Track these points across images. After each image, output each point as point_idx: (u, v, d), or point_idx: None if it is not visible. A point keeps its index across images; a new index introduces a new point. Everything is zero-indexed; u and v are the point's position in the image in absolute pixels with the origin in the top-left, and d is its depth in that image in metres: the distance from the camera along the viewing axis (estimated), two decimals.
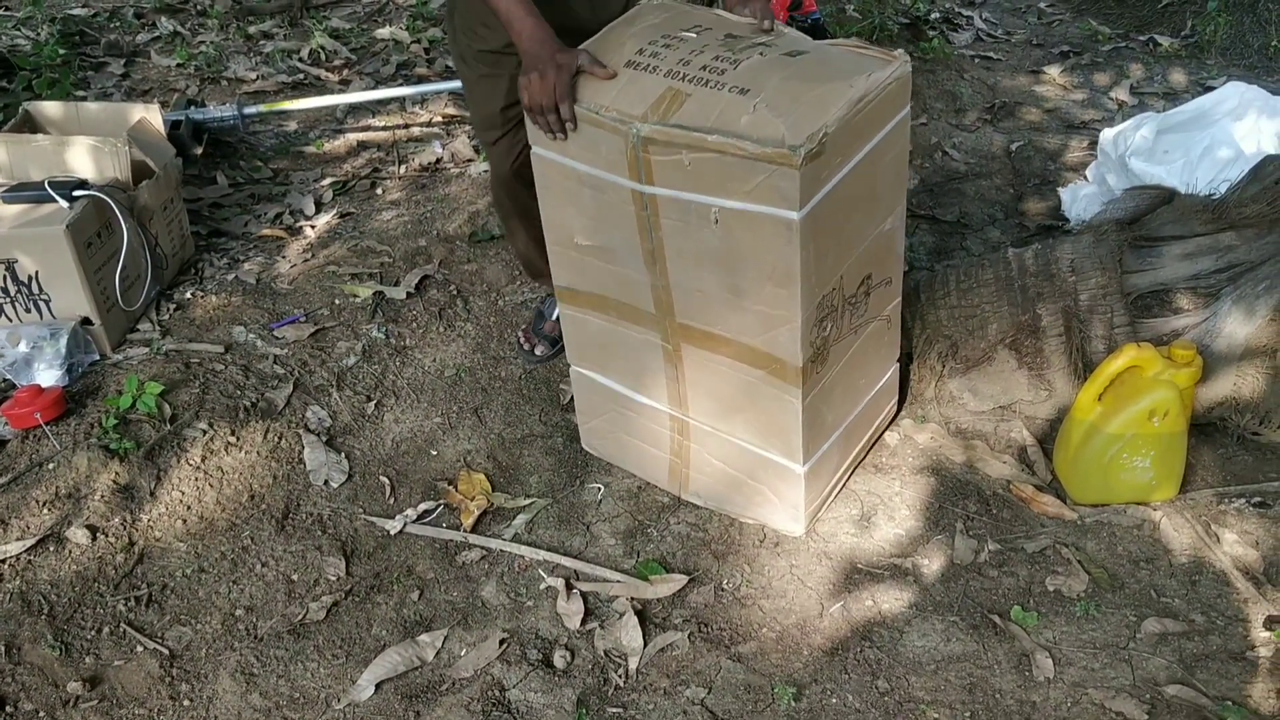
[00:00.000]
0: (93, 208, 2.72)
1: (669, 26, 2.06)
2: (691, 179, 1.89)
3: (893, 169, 2.09)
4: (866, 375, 2.36)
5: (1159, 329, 2.46)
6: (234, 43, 4.68)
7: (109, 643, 2.14)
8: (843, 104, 1.82)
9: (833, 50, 2.01)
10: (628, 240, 2.07)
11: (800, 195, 1.79)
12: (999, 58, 4.73)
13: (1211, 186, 2.69)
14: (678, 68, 1.94)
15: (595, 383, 2.44)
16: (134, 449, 2.45)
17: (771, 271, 1.92)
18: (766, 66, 1.91)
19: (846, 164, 1.89)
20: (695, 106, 1.87)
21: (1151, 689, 1.96)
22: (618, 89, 1.95)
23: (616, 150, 1.93)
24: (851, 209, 1.99)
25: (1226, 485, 2.41)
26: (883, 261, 2.21)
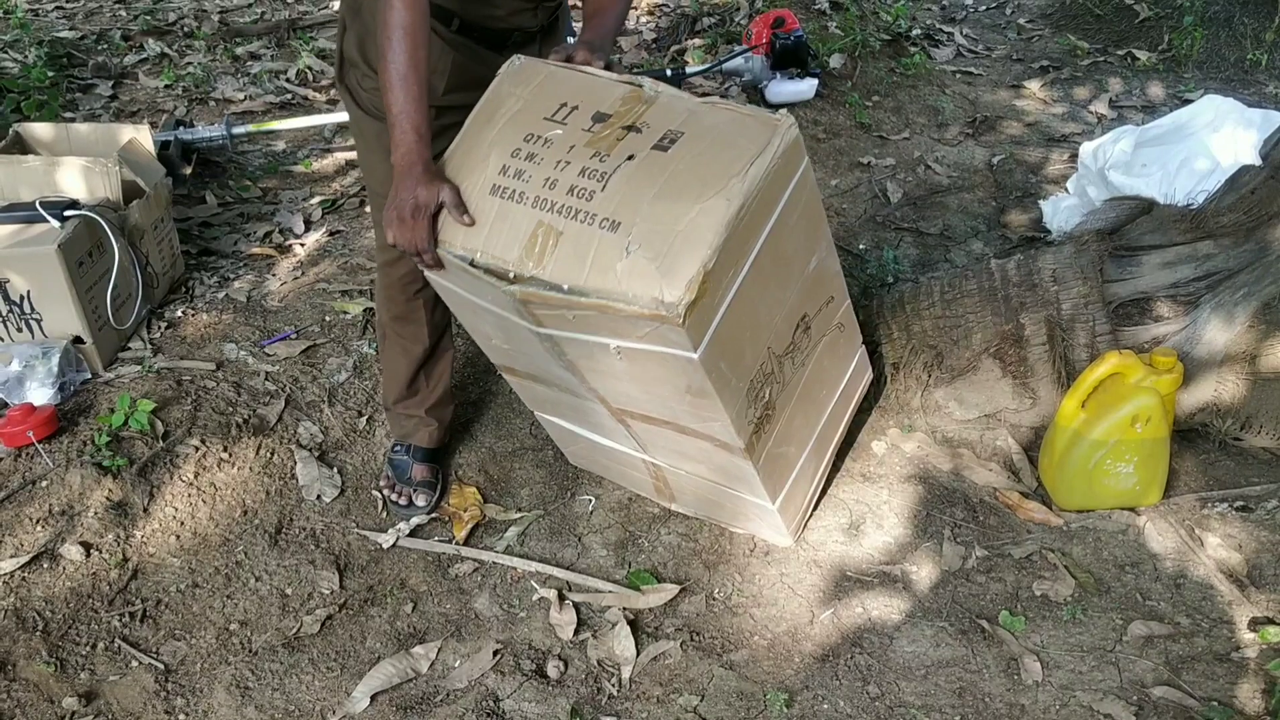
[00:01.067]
0: (84, 227, 2.73)
1: (532, 115, 1.89)
2: (580, 326, 1.81)
3: (803, 225, 1.94)
4: (827, 385, 2.33)
5: (1140, 336, 2.50)
6: (221, 64, 4.70)
7: (104, 658, 2.15)
8: (721, 226, 1.67)
9: (709, 123, 1.80)
10: (541, 356, 2.02)
11: (692, 340, 1.71)
12: (980, 73, 4.79)
13: (1190, 197, 2.73)
14: (544, 192, 1.78)
15: (560, 426, 2.44)
16: (127, 466, 2.46)
17: (688, 388, 1.87)
18: (637, 179, 1.74)
19: (742, 267, 1.78)
20: (569, 250, 1.74)
21: (1138, 691, 1.99)
22: (487, 228, 1.82)
23: (500, 298, 1.84)
24: (760, 296, 1.89)
25: (1209, 490, 2.45)
26: (817, 293, 2.12)
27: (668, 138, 1.78)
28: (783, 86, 4.29)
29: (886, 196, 3.78)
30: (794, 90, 4.30)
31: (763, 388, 2.00)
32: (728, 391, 1.87)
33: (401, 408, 2.54)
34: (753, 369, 1.95)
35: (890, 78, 4.58)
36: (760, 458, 2.07)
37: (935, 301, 2.65)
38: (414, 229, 1.84)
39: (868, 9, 5.02)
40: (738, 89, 4.42)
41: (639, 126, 1.81)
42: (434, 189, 1.83)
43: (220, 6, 5.26)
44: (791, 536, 2.35)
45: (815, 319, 2.13)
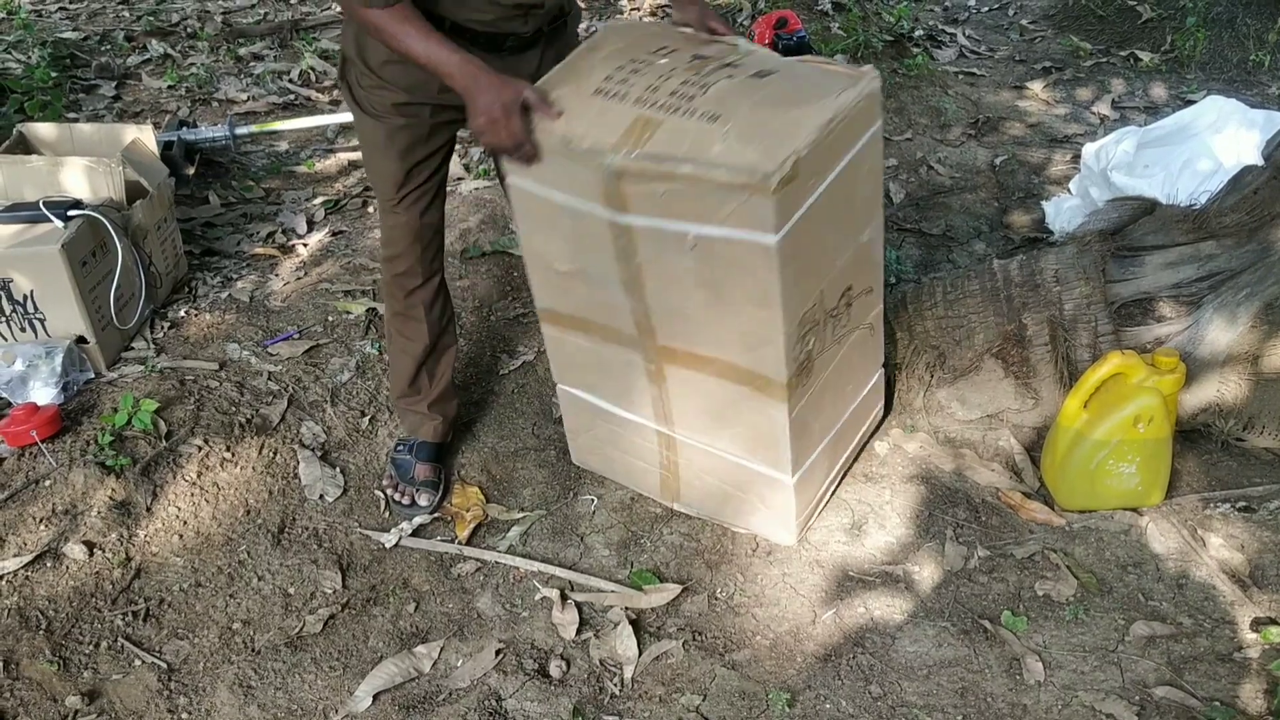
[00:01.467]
0: (87, 227, 2.74)
1: (635, 51, 2.03)
2: (667, 207, 1.87)
3: (868, 183, 2.07)
4: (853, 381, 2.38)
5: (1142, 337, 2.50)
6: (224, 64, 4.71)
7: (107, 657, 2.15)
8: (813, 128, 1.79)
9: (800, 69, 1.99)
10: (605, 267, 2.06)
11: (776, 220, 1.78)
12: (982, 73, 4.79)
13: (1192, 198, 2.73)
14: (646, 95, 1.90)
15: (581, 400, 2.45)
16: (130, 465, 2.46)
17: (751, 294, 1.92)
18: (735, 90, 1.88)
19: (820, 184, 1.87)
20: (666, 135, 1.83)
21: (1140, 691, 1.99)
22: (589, 118, 1.90)
23: (591, 181, 1.91)
24: (828, 227, 1.98)
25: (1211, 490, 2.44)
26: (863, 272, 2.21)
27: (763, 73, 1.94)
28: None
29: (889, 197, 3.78)
30: None
31: (809, 334, 2.05)
32: (789, 302, 1.92)
33: (406, 403, 2.57)
34: (809, 300, 2.01)
35: (893, 78, 4.58)
36: (795, 409, 2.10)
37: (938, 302, 2.65)
38: (508, 125, 1.91)
39: (870, 10, 5.02)
40: None
41: (736, 64, 1.97)
42: (513, 85, 1.90)
43: (223, 7, 5.26)
44: (796, 532, 2.34)
45: (857, 299, 2.21)
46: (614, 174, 1.85)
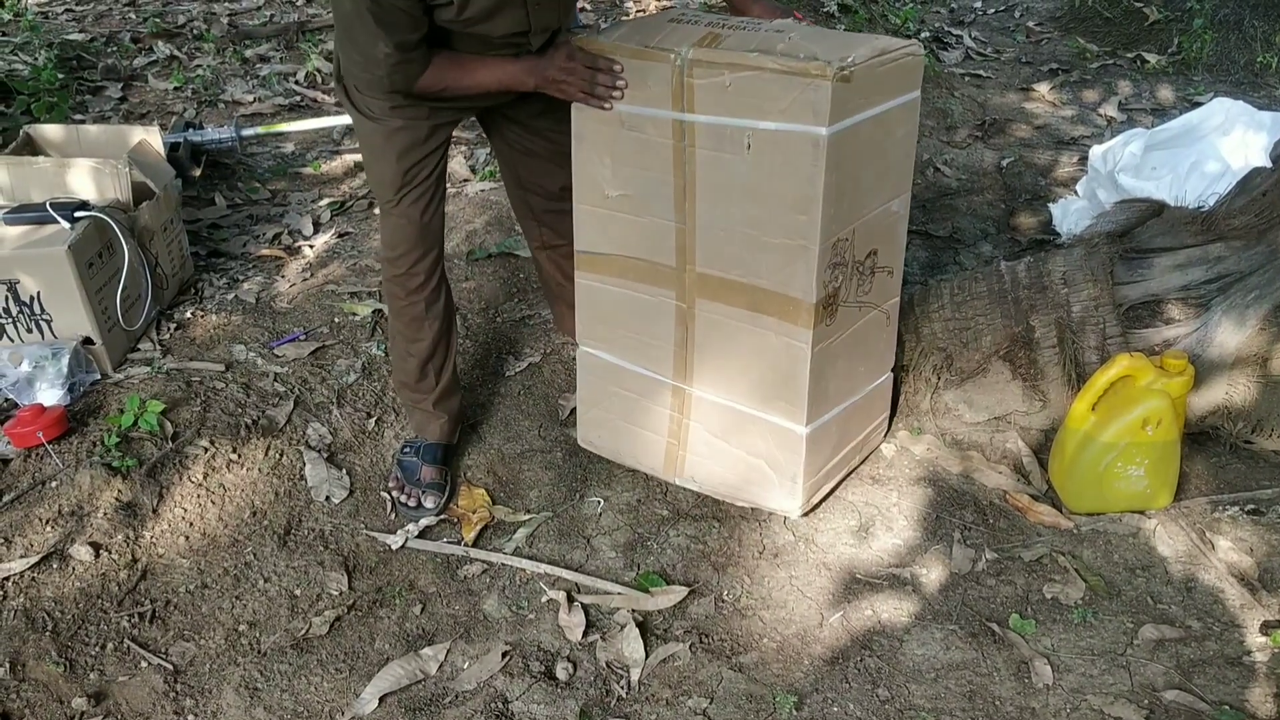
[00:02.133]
0: (94, 229, 2.74)
1: (690, 17, 2.19)
2: (730, 102, 2.02)
3: (902, 148, 2.20)
4: (866, 364, 2.42)
5: (1151, 339, 2.49)
6: (230, 66, 4.71)
7: (113, 659, 2.15)
8: (866, 50, 1.97)
9: (854, 36, 2.12)
10: (660, 181, 2.19)
11: (830, 111, 1.92)
12: (989, 75, 4.79)
13: (1200, 200, 2.73)
14: (714, 21, 2.13)
15: (601, 362, 2.51)
16: (136, 467, 2.46)
17: (794, 200, 2.03)
18: (792, 30, 2.06)
19: (866, 110, 2.02)
20: (735, 40, 2.03)
21: (1149, 694, 1.98)
22: (663, 33, 2.10)
23: (662, 79, 2.07)
24: (867, 163, 2.11)
25: (1220, 493, 2.44)
26: (887, 244, 2.30)
27: (816, 30, 2.14)
28: None
29: None
30: None
31: (838, 267, 2.16)
32: (827, 215, 2.04)
33: (410, 401, 2.58)
34: (844, 227, 2.12)
35: None
36: (817, 344, 2.17)
37: (945, 304, 2.65)
38: (578, 70, 2.11)
39: (876, 12, 5.02)
40: None
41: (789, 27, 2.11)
42: (562, 47, 2.13)
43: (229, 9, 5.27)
44: (801, 499, 2.34)
45: (879, 272, 2.31)
46: (686, 65, 2.03)
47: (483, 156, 3.99)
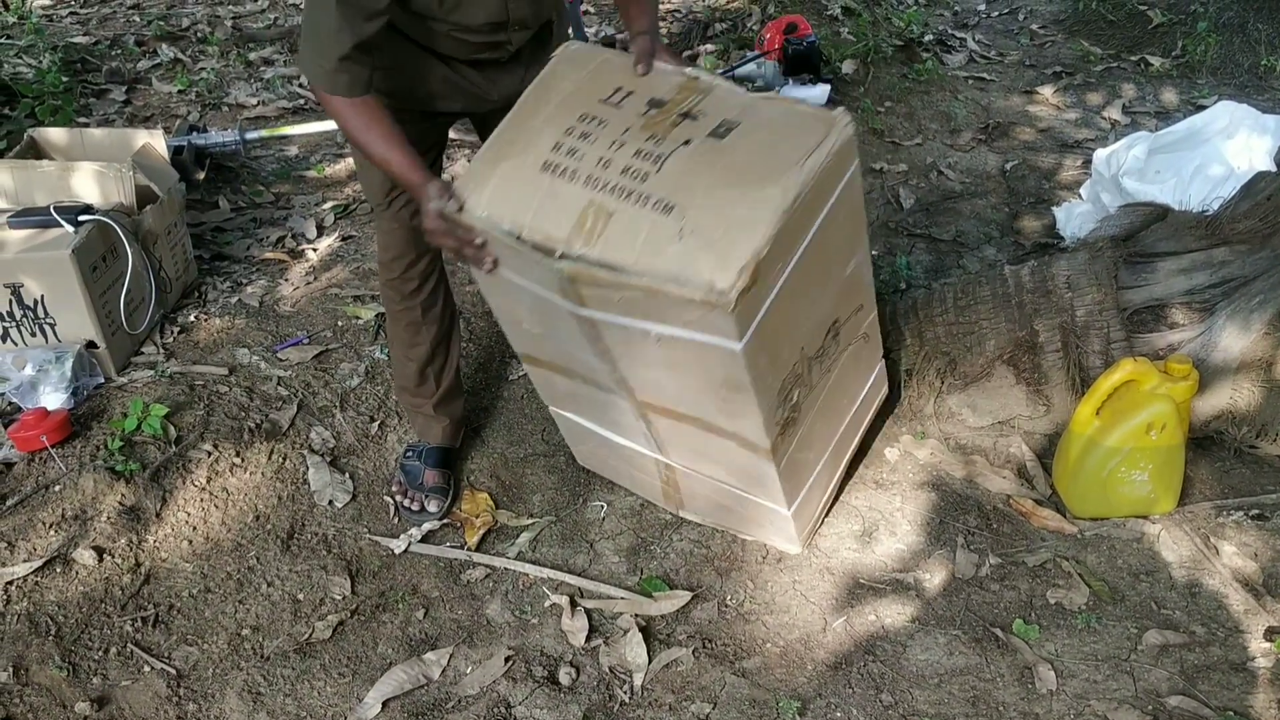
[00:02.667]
0: (97, 232, 2.74)
1: (587, 96, 1.91)
2: (625, 309, 1.79)
3: (847, 225, 1.95)
4: (848, 394, 2.33)
5: (1155, 343, 2.49)
6: (234, 69, 4.72)
7: (116, 663, 2.15)
8: (775, 216, 1.66)
9: (766, 114, 1.82)
10: (575, 340, 2.00)
11: (738, 330, 1.69)
12: (992, 78, 4.78)
13: (1204, 204, 2.72)
14: (598, 171, 1.78)
15: (574, 421, 2.44)
16: (139, 471, 2.46)
17: (724, 381, 1.85)
18: (693, 164, 1.74)
19: (788, 264, 1.77)
20: (619, 230, 1.72)
21: (1153, 700, 1.98)
22: (538, 201, 1.80)
23: (545, 275, 1.81)
24: (803, 292, 1.87)
25: (1224, 498, 2.43)
26: (850, 299, 2.12)
27: (724, 126, 1.79)
28: (795, 92, 4.29)
29: (899, 202, 3.78)
30: (806, 96, 4.29)
31: (792, 389, 1.99)
32: (763, 387, 1.86)
33: (412, 405, 2.58)
34: (787, 367, 1.95)
35: (903, 84, 4.58)
36: (782, 460, 2.06)
37: (949, 308, 2.64)
38: (444, 233, 1.90)
39: (880, 15, 5.02)
40: None
41: (695, 114, 1.83)
42: (427, 189, 1.90)
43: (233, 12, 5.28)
44: (801, 544, 2.34)
45: (845, 325, 2.14)
46: (567, 277, 1.76)
47: None
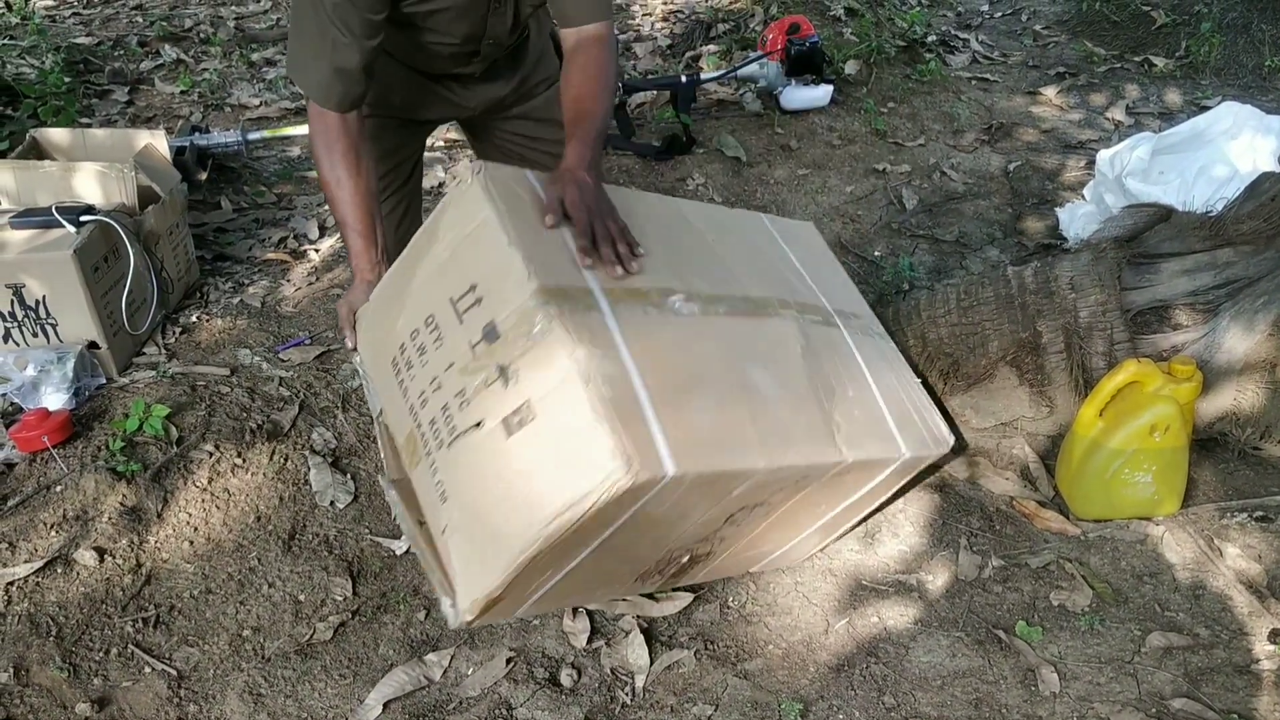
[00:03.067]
0: (99, 233, 2.74)
1: (444, 286, 1.76)
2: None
3: (677, 513, 1.72)
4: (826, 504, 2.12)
5: (1159, 345, 2.48)
6: (237, 69, 4.72)
7: (117, 664, 2.14)
8: (508, 568, 1.57)
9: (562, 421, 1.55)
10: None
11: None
12: (996, 79, 4.78)
13: (1208, 205, 2.71)
14: (418, 403, 1.75)
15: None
16: (141, 471, 2.46)
17: None
18: (474, 456, 1.64)
19: (562, 570, 1.70)
20: (421, 480, 1.75)
21: (1157, 703, 1.97)
22: (388, 395, 1.86)
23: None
24: (611, 561, 1.78)
25: (1228, 499, 2.42)
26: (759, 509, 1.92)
27: (519, 416, 1.60)
28: (797, 93, 4.28)
29: (902, 203, 3.77)
30: (809, 97, 4.29)
31: (669, 561, 1.93)
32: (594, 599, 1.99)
33: None
34: (639, 569, 1.91)
35: (906, 84, 4.57)
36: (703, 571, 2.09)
37: (951, 309, 2.64)
38: (349, 328, 2.00)
39: (883, 15, 5.01)
40: (752, 95, 4.41)
41: (509, 374, 1.62)
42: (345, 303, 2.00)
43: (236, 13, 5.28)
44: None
45: (765, 509, 1.92)
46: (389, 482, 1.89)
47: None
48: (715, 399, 1.68)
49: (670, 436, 1.55)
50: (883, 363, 2.23)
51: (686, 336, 1.74)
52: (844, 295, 2.35)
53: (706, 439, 1.62)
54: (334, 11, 1.83)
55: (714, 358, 1.75)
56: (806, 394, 1.89)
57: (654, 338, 1.69)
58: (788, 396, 1.83)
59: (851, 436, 1.90)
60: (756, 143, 4.13)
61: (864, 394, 2.06)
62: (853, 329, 2.22)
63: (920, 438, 2.13)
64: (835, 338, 2.14)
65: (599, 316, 1.64)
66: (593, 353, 1.56)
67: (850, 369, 2.09)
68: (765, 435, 1.72)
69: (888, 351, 2.32)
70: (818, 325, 2.10)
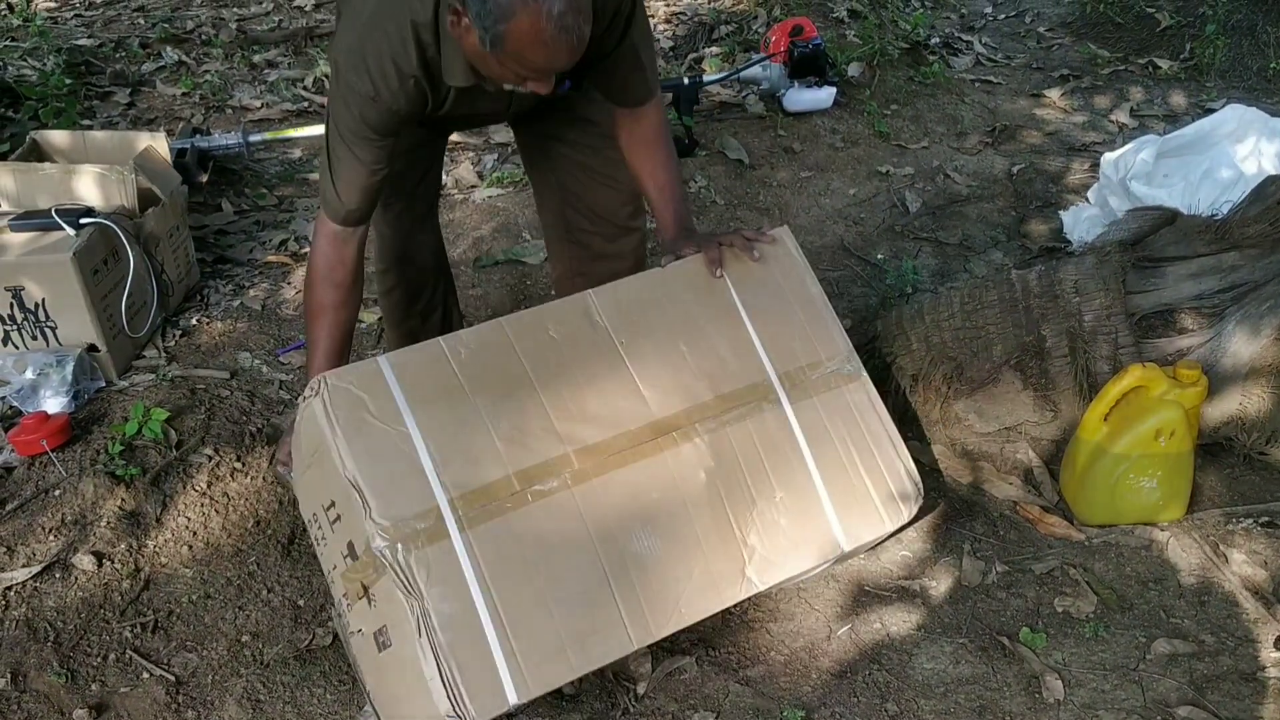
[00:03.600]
0: (99, 235, 2.73)
1: (320, 492, 1.86)
2: None
3: None
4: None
5: (1164, 349, 2.47)
6: (238, 71, 4.71)
7: (115, 669, 2.13)
8: None
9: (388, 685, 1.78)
10: None
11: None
12: (999, 81, 4.76)
13: (1214, 208, 2.70)
14: (328, 573, 1.90)
15: None
16: (140, 475, 2.45)
17: None
18: (366, 655, 1.81)
19: None
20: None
21: (1162, 710, 1.96)
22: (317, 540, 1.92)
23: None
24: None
25: (1234, 505, 2.41)
26: None
27: (382, 638, 1.76)
28: (800, 95, 4.27)
29: (905, 206, 3.76)
30: (812, 99, 4.28)
31: None
32: None
33: None
34: None
35: (909, 86, 4.56)
36: None
37: (955, 312, 2.62)
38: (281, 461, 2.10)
39: (886, 17, 5.00)
40: (755, 97, 4.40)
41: (371, 595, 1.75)
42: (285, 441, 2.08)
43: (238, 15, 5.27)
44: None
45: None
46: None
47: (490, 163, 3.97)
48: (580, 594, 1.72)
49: (516, 664, 1.64)
50: (836, 427, 2.06)
51: (551, 531, 1.76)
52: (804, 337, 2.13)
53: (566, 645, 1.69)
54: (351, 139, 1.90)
55: (584, 545, 1.77)
56: (709, 530, 1.88)
57: (509, 550, 1.73)
58: (676, 551, 1.83)
59: (767, 558, 1.87)
60: (759, 145, 4.11)
61: (796, 489, 1.97)
62: (800, 394, 2.06)
63: (868, 519, 2.00)
64: (767, 426, 2.02)
65: (446, 545, 1.69)
66: (430, 594, 1.66)
67: (781, 464, 1.98)
68: (638, 612, 1.75)
69: (853, 403, 2.11)
70: (739, 423, 2.00)
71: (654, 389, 1.97)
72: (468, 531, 1.71)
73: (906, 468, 2.08)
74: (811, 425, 2.05)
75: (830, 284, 3.34)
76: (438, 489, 1.73)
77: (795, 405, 2.06)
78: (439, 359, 1.88)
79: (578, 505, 1.80)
